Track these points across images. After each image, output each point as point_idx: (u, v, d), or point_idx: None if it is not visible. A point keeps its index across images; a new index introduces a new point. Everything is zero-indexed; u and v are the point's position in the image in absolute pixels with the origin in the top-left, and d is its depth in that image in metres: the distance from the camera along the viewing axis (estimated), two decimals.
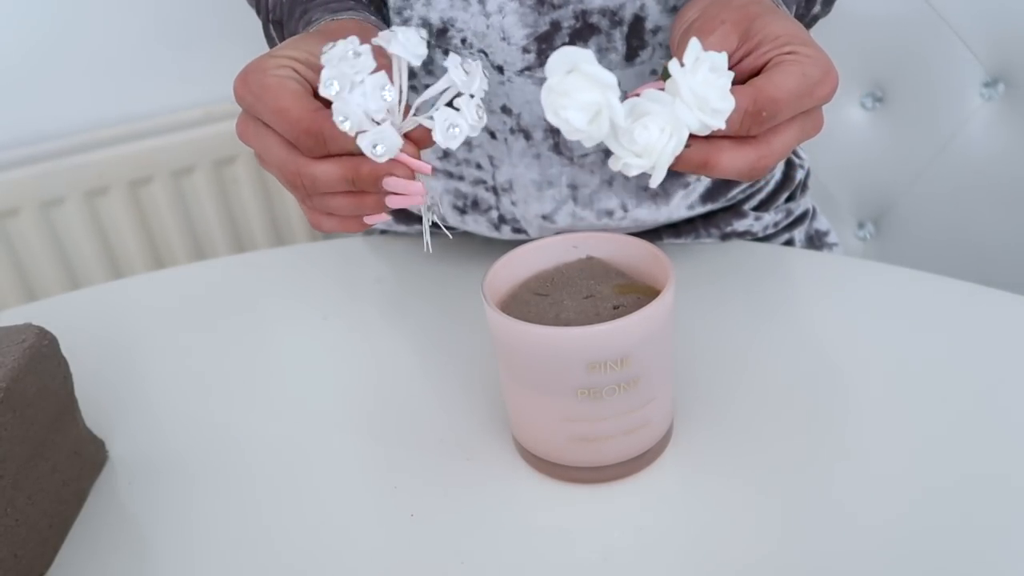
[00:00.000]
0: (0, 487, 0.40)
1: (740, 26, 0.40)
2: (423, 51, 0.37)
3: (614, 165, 0.38)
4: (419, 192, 0.40)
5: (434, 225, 0.44)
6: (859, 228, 0.94)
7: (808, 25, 0.54)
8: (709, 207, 0.61)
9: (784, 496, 0.42)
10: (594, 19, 0.52)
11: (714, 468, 0.44)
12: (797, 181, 0.66)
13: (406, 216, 0.68)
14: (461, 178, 0.58)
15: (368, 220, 0.42)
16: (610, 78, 0.36)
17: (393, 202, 0.41)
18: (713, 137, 0.38)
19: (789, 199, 0.67)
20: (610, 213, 0.58)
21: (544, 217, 0.58)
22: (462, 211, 0.60)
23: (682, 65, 0.37)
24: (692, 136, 0.38)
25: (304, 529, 0.44)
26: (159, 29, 1.09)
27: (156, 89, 1.12)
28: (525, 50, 0.52)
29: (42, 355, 0.45)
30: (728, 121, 0.37)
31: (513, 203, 0.58)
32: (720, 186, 0.60)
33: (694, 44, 0.37)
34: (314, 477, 0.47)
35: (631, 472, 0.44)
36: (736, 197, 0.62)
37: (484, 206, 0.59)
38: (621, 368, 0.40)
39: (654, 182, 0.37)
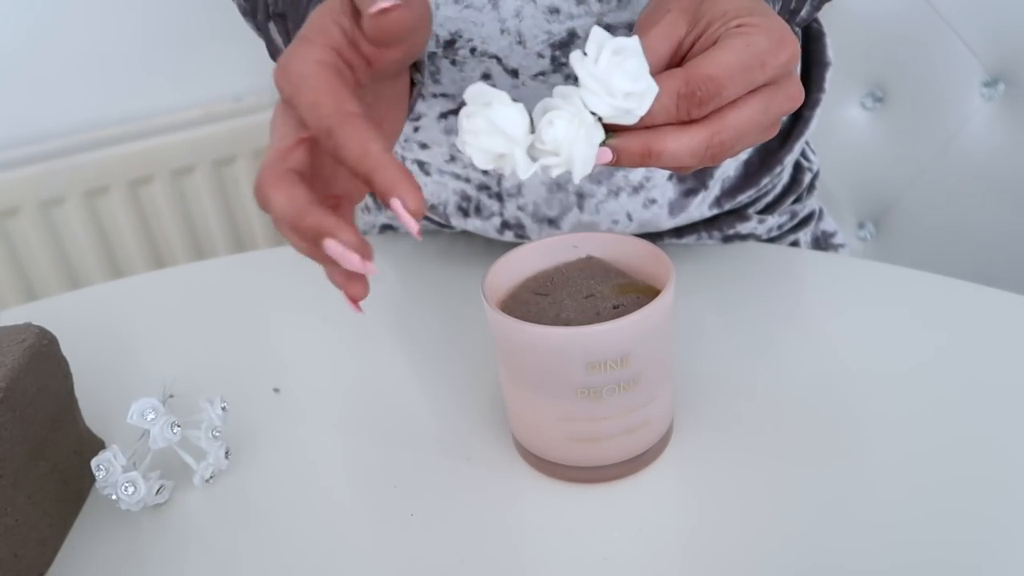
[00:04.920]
0: (0, 487, 0.40)
1: (687, 12, 0.38)
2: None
3: (533, 168, 0.36)
4: (364, 270, 0.35)
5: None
6: (859, 228, 0.94)
7: (818, 6, 0.52)
8: (715, 211, 0.61)
9: (785, 496, 0.42)
10: (620, 33, 0.51)
11: (714, 468, 0.44)
12: (805, 184, 0.66)
13: None
14: (468, 180, 0.58)
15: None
16: (516, 129, 0.35)
17: (333, 273, 0.38)
18: (656, 126, 0.36)
19: (795, 201, 0.67)
20: (616, 222, 0.58)
21: (550, 221, 0.58)
22: (465, 213, 0.60)
23: (585, 55, 0.35)
24: (628, 128, 0.36)
25: (304, 529, 0.44)
26: (159, 29, 1.09)
27: (156, 89, 1.12)
28: (540, 55, 0.52)
29: (42, 355, 0.45)
30: (661, 106, 0.35)
31: (520, 208, 0.58)
32: (729, 191, 0.60)
33: (595, 31, 0.35)
34: (314, 476, 0.47)
35: (631, 472, 0.44)
36: (742, 201, 0.62)
37: (487, 212, 0.59)
38: (621, 368, 0.40)
39: (576, 178, 0.36)
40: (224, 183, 1.15)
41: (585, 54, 0.35)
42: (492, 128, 0.35)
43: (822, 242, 0.70)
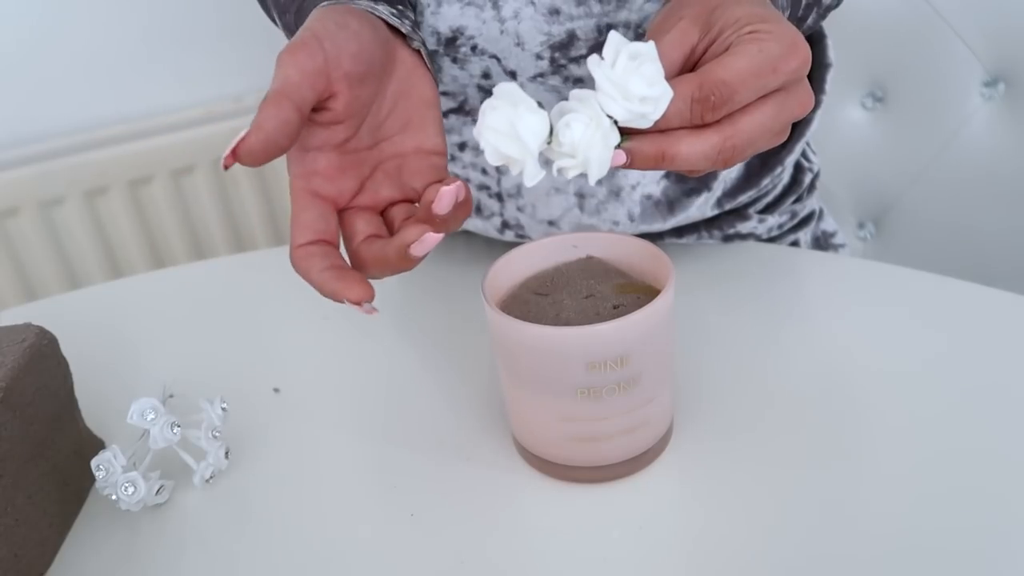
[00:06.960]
0: (0, 487, 0.40)
1: (699, 19, 0.39)
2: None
3: (539, 177, 0.37)
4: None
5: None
6: (859, 228, 0.94)
7: (824, 15, 0.53)
8: (716, 211, 0.61)
9: (784, 496, 0.42)
10: (620, 32, 0.51)
11: (714, 468, 0.44)
12: (805, 184, 0.66)
13: None
14: (467, 180, 0.58)
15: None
16: (534, 139, 0.35)
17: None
18: (670, 129, 0.37)
19: (796, 201, 0.67)
20: (616, 223, 0.58)
21: (550, 223, 0.58)
22: None
23: (602, 59, 0.36)
24: (643, 131, 0.37)
25: (304, 528, 0.44)
26: (159, 28, 1.09)
27: (156, 89, 1.12)
28: (539, 57, 0.52)
29: (42, 355, 0.45)
30: (675, 110, 0.36)
31: (519, 208, 0.58)
32: (730, 192, 0.60)
33: (612, 37, 0.36)
34: (314, 476, 0.47)
35: (631, 472, 0.44)
36: (743, 201, 0.62)
37: (487, 212, 0.59)
38: (621, 368, 0.40)
39: (591, 180, 0.36)
40: (224, 183, 1.15)
41: (602, 58, 0.36)
42: (511, 132, 0.36)
43: (822, 242, 0.70)
